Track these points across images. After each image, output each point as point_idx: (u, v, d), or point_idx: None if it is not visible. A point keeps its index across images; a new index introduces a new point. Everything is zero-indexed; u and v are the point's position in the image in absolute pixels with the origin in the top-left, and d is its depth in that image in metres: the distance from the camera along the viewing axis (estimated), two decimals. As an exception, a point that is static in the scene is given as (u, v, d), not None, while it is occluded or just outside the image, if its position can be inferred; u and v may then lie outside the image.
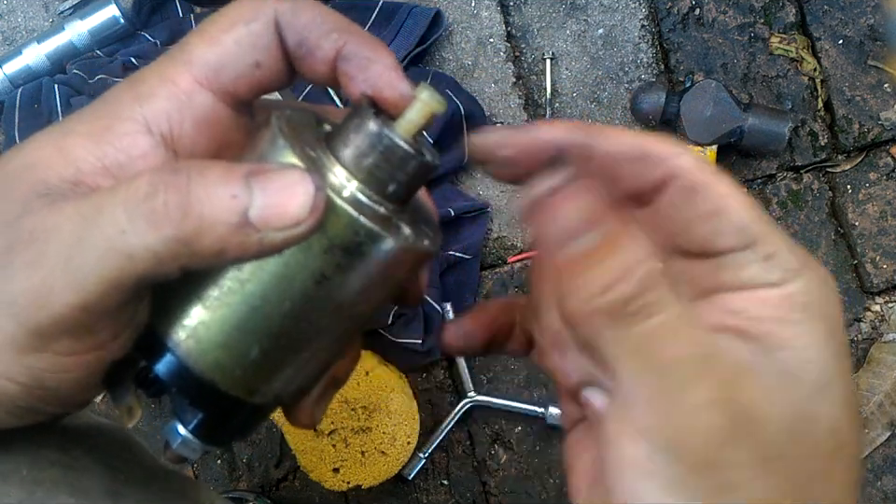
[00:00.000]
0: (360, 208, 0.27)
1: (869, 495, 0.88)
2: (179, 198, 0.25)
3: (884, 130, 0.87)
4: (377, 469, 0.82)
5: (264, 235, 0.25)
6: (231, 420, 0.30)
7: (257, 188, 0.25)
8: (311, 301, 0.27)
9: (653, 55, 0.90)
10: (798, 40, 0.88)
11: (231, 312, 0.27)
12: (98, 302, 0.25)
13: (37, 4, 0.93)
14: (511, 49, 0.91)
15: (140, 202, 0.25)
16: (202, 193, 0.25)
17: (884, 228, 0.88)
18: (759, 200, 0.89)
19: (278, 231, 0.25)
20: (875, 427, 0.87)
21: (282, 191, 0.25)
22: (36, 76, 0.89)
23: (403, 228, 0.28)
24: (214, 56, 0.28)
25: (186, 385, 0.28)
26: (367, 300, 0.29)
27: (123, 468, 0.33)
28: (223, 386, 0.28)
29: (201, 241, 0.25)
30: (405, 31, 0.87)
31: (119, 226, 0.25)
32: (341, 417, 0.82)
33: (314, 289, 0.27)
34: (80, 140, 0.28)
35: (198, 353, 0.28)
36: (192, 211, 0.25)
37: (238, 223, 0.25)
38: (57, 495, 0.29)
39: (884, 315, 0.89)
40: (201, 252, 0.25)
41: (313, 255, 0.27)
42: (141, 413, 0.30)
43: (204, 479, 0.93)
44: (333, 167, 0.28)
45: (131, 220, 0.25)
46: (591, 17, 0.90)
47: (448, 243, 0.90)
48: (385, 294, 0.30)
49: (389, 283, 0.29)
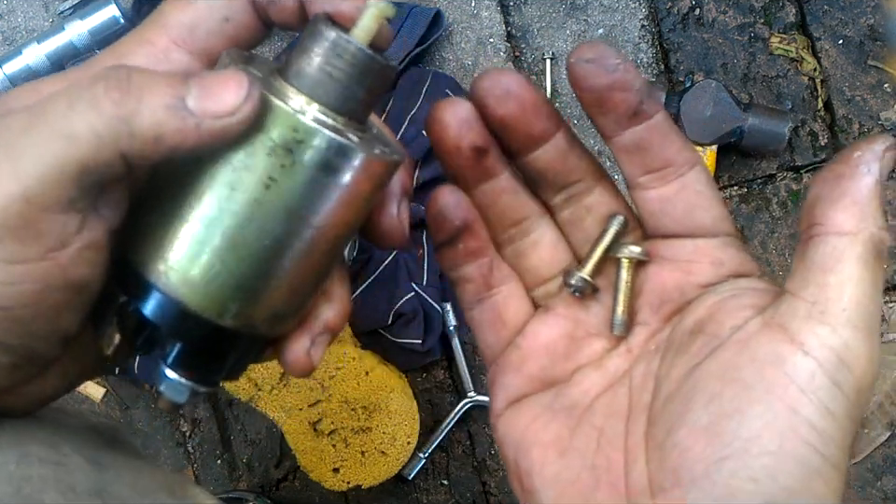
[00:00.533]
0: (300, 108, 0.28)
1: (869, 495, 0.88)
2: (120, 83, 0.26)
3: (884, 130, 0.87)
4: (377, 469, 0.82)
5: (201, 121, 0.26)
6: (210, 349, 0.30)
7: (193, 80, 0.27)
8: (263, 207, 0.28)
9: (653, 55, 0.90)
10: (798, 40, 0.88)
11: (188, 226, 0.28)
12: (40, 193, 0.26)
13: (37, 4, 0.93)
14: (511, 49, 0.91)
15: (83, 89, 0.26)
16: (141, 80, 0.27)
17: (884, 228, 0.88)
18: (759, 200, 0.89)
19: (216, 118, 0.26)
20: (875, 427, 0.87)
21: (218, 84, 0.27)
22: (36, 76, 0.89)
23: (350, 133, 0.28)
24: (187, 17, 0.31)
25: (156, 309, 0.28)
26: (324, 212, 0.29)
27: (112, 465, 0.33)
28: (192, 305, 0.28)
29: (140, 119, 0.26)
30: (405, 31, 0.87)
31: (61, 111, 0.26)
32: (341, 417, 0.82)
33: (264, 194, 0.28)
34: (57, 85, 0.29)
35: (164, 273, 0.28)
36: (132, 92, 0.26)
37: (175, 105, 0.26)
38: (45, 491, 0.29)
39: (884, 315, 0.89)
40: (140, 133, 0.26)
41: (258, 157, 0.27)
42: (119, 343, 0.30)
43: (204, 479, 0.93)
44: (277, 78, 0.29)
45: (71, 105, 0.26)
46: (591, 17, 0.90)
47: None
48: (347, 211, 0.29)
49: (345, 195, 0.29)
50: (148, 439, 0.93)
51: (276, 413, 0.82)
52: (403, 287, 0.85)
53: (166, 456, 0.93)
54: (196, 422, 0.93)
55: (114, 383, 0.92)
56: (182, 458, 0.93)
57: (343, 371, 0.81)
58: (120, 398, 0.93)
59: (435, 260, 0.88)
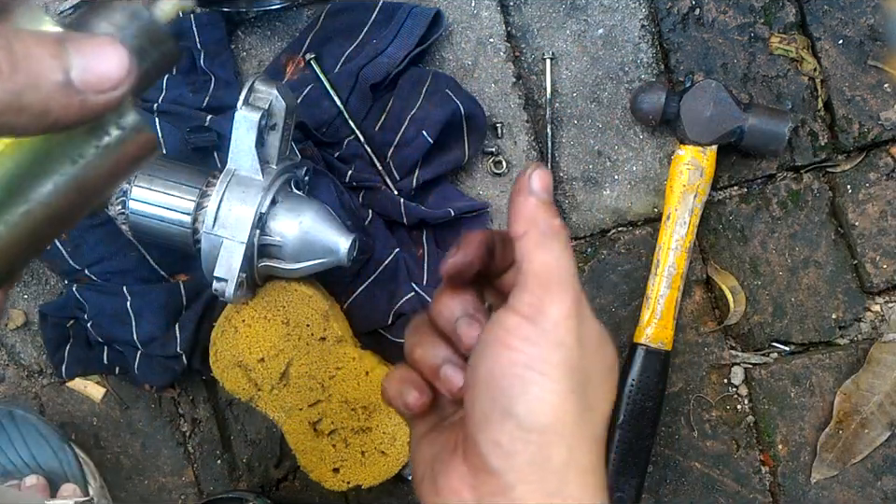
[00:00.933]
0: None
1: (869, 495, 0.88)
2: (6, 55, 0.26)
3: (884, 130, 0.87)
4: (377, 469, 0.82)
5: (85, 97, 0.27)
6: None
7: (71, 49, 0.27)
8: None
9: (653, 55, 0.90)
10: (798, 40, 0.88)
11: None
12: None
13: (37, 4, 0.93)
14: (511, 49, 0.91)
15: None
16: (24, 50, 0.26)
17: (884, 228, 0.88)
18: (759, 200, 0.89)
19: (99, 93, 0.27)
20: (875, 428, 0.87)
21: (97, 55, 0.27)
22: (36, 76, 0.89)
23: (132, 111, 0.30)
24: None
25: None
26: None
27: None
28: None
29: (30, 96, 0.26)
30: (405, 31, 0.87)
31: None
32: (341, 417, 0.82)
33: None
34: None
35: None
36: (20, 67, 0.26)
37: (63, 81, 0.26)
38: None
39: (884, 315, 0.89)
40: (29, 108, 0.26)
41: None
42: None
43: (204, 479, 0.93)
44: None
45: None
46: (591, 17, 0.90)
47: (448, 243, 0.90)
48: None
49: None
50: (148, 439, 0.93)
51: (276, 413, 0.82)
52: (403, 287, 0.85)
53: (166, 456, 0.93)
54: (196, 422, 0.93)
55: (114, 383, 0.92)
56: (182, 458, 0.93)
57: (343, 371, 0.81)
58: (120, 398, 0.93)
59: (435, 260, 0.88)
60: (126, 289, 0.84)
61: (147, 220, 0.75)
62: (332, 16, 0.90)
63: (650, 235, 0.90)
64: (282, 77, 0.90)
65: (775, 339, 0.90)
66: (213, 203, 0.71)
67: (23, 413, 0.80)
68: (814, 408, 0.89)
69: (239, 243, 0.70)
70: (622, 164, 0.90)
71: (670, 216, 0.85)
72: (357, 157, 0.87)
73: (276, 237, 0.72)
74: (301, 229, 0.72)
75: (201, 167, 0.77)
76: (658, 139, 0.90)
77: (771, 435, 0.89)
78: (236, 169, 0.72)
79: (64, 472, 0.81)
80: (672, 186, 0.86)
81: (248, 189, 0.71)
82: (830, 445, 0.88)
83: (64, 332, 0.89)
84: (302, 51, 0.90)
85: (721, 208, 0.89)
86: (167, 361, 0.85)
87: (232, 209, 0.71)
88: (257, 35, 0.93)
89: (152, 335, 0.84)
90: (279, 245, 0.73)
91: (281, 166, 0.74)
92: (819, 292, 0.89)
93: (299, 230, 0.72)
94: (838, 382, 0.88)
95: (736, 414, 0.90)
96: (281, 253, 0.73)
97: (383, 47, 0.88)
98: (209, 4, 0.89)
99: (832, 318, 0.89)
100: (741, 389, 0.89)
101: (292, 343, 0.79)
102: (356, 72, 0.87)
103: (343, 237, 0.73)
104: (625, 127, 0.90)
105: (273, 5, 0.89)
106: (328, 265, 0.74)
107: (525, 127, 0.91)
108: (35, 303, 0.93)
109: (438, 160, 0.87)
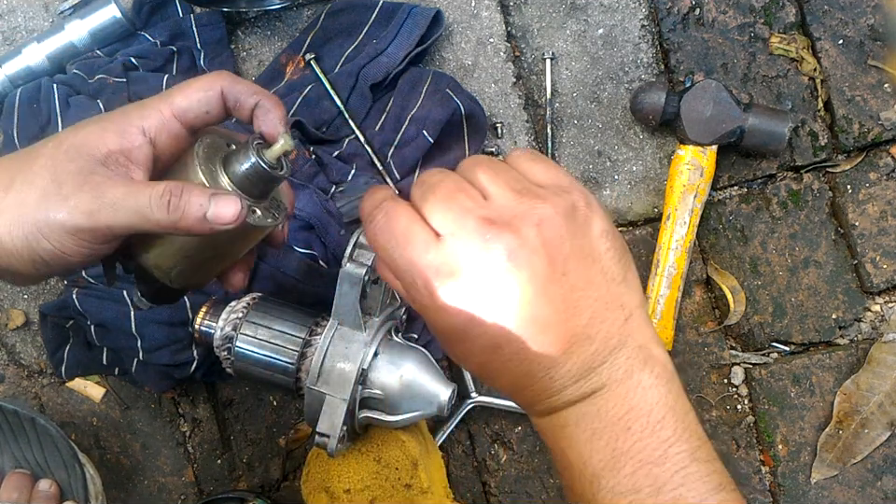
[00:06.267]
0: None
1: (869, 495, 0.88)
2: (177, 201, 0.49)
3: (884, 130, 0.87)
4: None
5: (212, 226, 0.50)
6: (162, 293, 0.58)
7: (213, 201, 0.50)
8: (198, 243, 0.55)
9: (653, 55, 0.90)
10: (798, 40, 0.88)
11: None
12: (96, 228, 0.49)
13: (37, 4, 0.93)
14: (511, 49, 0.91)
15: (158, 196, 0.49)
16: (188, 196, 0.50)
17: (884, 228, 0.88)
18: (759, 200, 0.89)
19: (220, 225, 0.50)
20: (875, 428, 0.87)
21: (224, 206, 0.50)
22: (36, 76, 0.89)
23: (257, 211, 0.54)
24: (185, 103, 0.52)
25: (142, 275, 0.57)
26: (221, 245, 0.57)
27: None
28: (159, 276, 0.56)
29: (182, 224, 0.50)
30: (405, 31, 0.87)
31: (145, 204, 0.49)
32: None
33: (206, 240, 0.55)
34: (109, 134, 0.51)
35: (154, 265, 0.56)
36: (180, 208, 0.49)
37: (202, 218, 0.50)
38: None
39: (884, 315, 0.89)
40: (181, 229, 0.50)
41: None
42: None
43: (204, 479, 0.93)
44: (223, 178, 0.53)
45: (152, 205, 0.49)
46: (591, 17, 0.90)
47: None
48: (250, 242, 0.58)
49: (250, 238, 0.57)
50: (148, 439, 0.93)
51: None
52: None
53: (166, 456, 0.93)
54: (196, 422, 0.93)
55: (114, 383, 0.92)
56: (182, 458, 0.93)
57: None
58: (120, 398, 0.93)
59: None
60: (126, 294, 0.83)
61: (252, 367, 0.74)
62: (332, 16, 0.90)
63: (650, 235, 0.90)
64: (282, 76, 0.90)
65: (775, 339, 0.90)
66: (317, 357, 0.70)
67: (45, 424, 0.80)
68: (814, 408, 0.89)
69: (341, 399, 0.69)
70: (622, 164, 0.90)
71: (670, 216, 0.85)
72: (358, 156, 0.87)
73: (377, 390, 0.71)
74: (401, 382, 0.71)
75: (307, 309, 0.76)
76: (658, 139, 0.90)
77: (771, 435, 0.89)
78: (339, 323, 0.72)
79: (70, 488, 0.81)
80: (672, 186, 0.86)
81: (351, 344, 0.70)
82: (830, 445, 0.88)
83: (64, 333, 0.89)
84: (302, 51, 0.90)
85: (721, 208, 0.89)
86: (167, 368, 0.84)
87: (335, 366, 0.70)
88: (257, 35, 0.93)
89: (158, 344, 0.83)
90: (380, 398, 0.72)
91: (382, 315, 0.73)
92: (819, 292, 0.89)
93: (399, 382, 0.71)
94: (838, 382, 0.88)
95: (736, 414, 0.90)
96: (381, 405, 0.72)
97: (383, 47, 0.88)
98: (209, 4, 0.89)
99: (832, 318, 0.89)
100: (741, 389, 0.89)
101: (379, 482, 0.77)
102: (356, 72, 0.87)
103: (443, 387, 0.71)
104: (625, 127, 0.90)
105: (273, 5, 0.90)
106: (427, 416, 0.73)
107: (525, 127, 0.91)
108: (35, 303, 0.93)
109: (438, 159, 0.87)
